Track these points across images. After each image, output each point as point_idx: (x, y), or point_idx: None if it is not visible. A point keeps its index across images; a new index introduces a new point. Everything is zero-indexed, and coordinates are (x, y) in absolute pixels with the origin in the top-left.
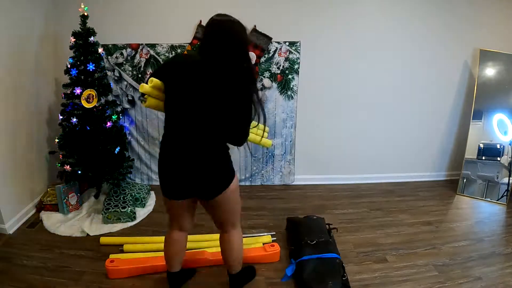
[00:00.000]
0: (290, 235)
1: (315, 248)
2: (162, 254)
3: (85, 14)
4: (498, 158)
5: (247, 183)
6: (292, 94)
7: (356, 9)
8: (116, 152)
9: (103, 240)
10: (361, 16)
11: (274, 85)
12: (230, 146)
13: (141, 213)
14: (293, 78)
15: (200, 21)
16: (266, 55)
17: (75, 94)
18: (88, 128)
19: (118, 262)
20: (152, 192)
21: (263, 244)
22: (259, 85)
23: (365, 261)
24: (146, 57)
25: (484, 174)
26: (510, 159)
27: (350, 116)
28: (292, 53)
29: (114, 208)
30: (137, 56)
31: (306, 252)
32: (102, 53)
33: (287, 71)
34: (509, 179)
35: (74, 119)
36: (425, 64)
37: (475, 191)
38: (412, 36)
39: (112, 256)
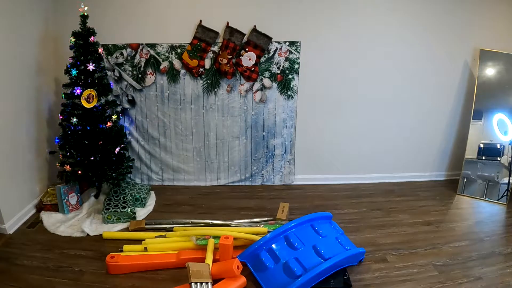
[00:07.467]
0: None
1: None
2: (162, 252)
3: (85, 14)
4: (498, 158)
5: (247, 183)
6: (292, 94)
7: (356, 9)
8: (116, 152)
9: (106, 234)
10: (361, 16)
11: (274, 85)
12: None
13: (141, 213)
14: (293, 78)
15: (200, 21)
16: (266, 55)
17: (75, 94)
18: (88, 128)
19: (119, 258)
20: (152, 192)
21: None
22: (259, 85)
23: (365, 261)
24: (146, 57)
25: (484, 174)
26: (510, 159)
27: (350, 116)
28: (292, 53)
29: (114, 208)
30: (137, 56)
31: None
32: (102, 53)
33: (287, 71)
34: (509, 179)
35: (74, 119)
36: (425, 64)
37: (475, 191)
38: (412, 36)
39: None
